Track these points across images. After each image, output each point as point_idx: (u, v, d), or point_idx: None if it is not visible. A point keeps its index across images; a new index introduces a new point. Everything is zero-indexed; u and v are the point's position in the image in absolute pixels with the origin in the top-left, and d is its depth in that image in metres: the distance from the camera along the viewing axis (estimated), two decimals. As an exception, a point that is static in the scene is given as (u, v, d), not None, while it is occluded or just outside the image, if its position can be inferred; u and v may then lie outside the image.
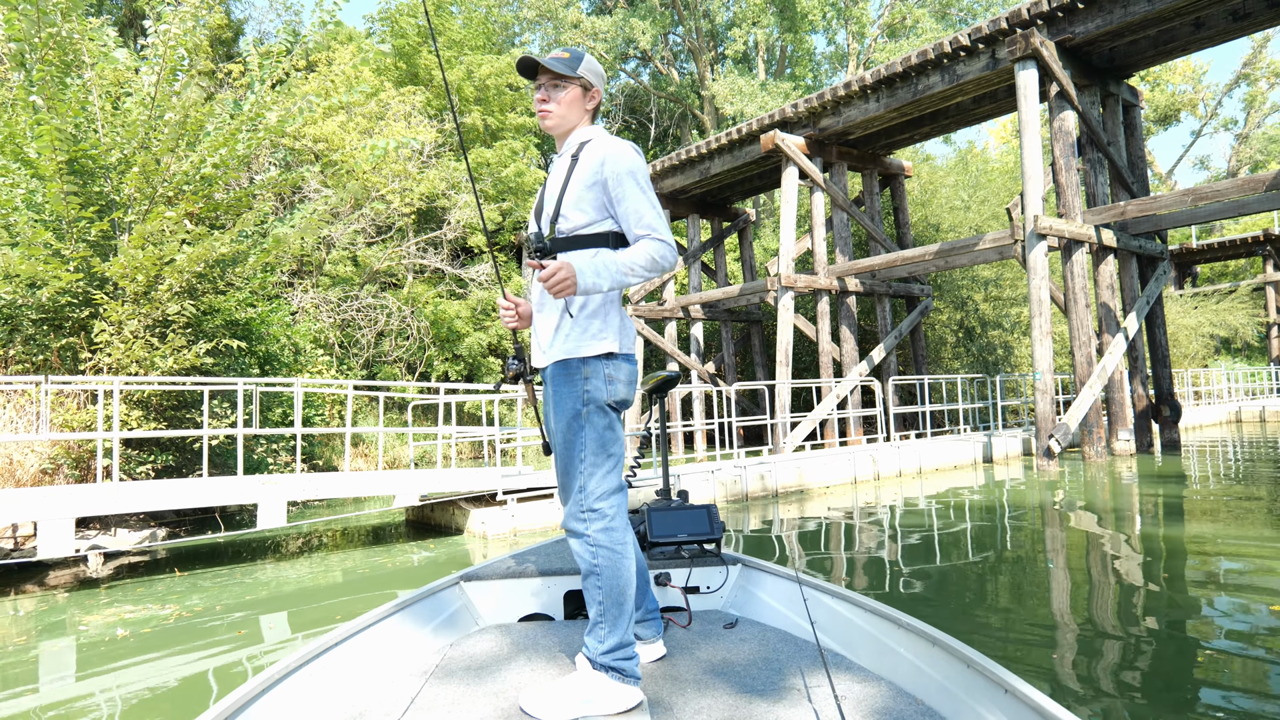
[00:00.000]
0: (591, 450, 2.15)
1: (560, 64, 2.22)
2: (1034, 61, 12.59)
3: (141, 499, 6.47)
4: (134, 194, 8.70)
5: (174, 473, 8.76)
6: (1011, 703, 1.66)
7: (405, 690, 2.17)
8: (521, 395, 8.41)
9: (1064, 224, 12.56)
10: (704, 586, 2.93)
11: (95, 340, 8.34)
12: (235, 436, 9.26)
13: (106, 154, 8.53)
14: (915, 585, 5.31)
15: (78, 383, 7.66)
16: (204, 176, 8.94)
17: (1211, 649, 3.80)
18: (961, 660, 1.88)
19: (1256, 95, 49.40)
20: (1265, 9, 12.16)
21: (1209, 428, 20.54)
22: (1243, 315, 29.67)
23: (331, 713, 2.02)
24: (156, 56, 8.76)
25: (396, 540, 8.14)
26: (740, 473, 10.07)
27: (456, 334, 19.52)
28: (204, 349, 8.41)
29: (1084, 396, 12.48)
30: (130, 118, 8.74)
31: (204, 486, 7.05)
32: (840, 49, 34.17)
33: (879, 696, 1.99)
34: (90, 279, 8.44)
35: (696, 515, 3.05)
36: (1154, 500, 8.66)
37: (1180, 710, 3.10)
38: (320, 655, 2.15)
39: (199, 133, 9.13)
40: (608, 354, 2.18)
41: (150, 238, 8.36)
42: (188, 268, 8.31)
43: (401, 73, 22.30)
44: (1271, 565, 5.44)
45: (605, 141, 2.21)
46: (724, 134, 18.02)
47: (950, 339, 22.28)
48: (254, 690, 1.85)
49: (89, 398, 8.36)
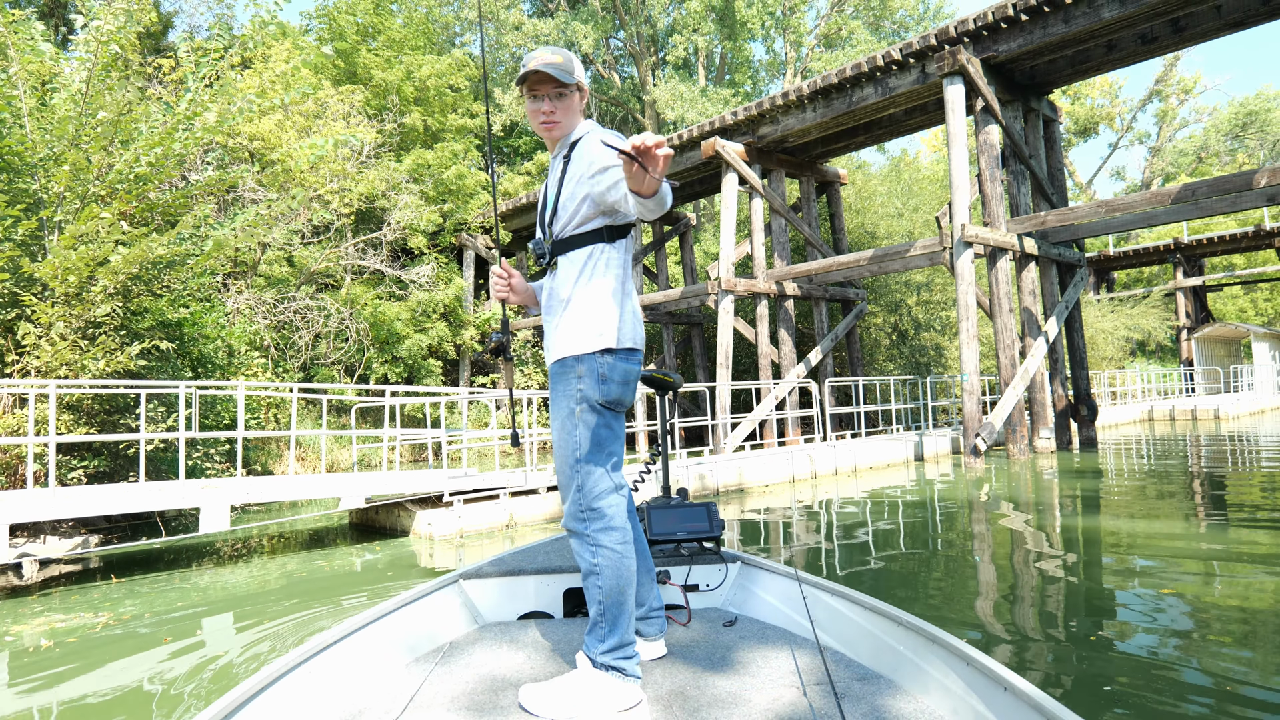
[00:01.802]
0: (588, 450, 2.13)
1: (563, 72, 2.16)
2: (961, 77, 13.17)
3: (80, 504, 6.33)
4: (63, 192, 8.47)
5: (106, 478, 8.53)
6: (1010, 700, 1.66)
7: (405, 688, 2.17)
8: (494, 376, 8.44)
9: (989, 232, 13.15)
10: (704, 584, 2.93)
11: (21, 342, 8.08)
12: (170, 441, 9.07)
13: (34, 150, 8.28)
14: (858, 575, 5.58)
15: (11, 386, 7.43)
16: (138, 176, 8.73)
17: (1118, 622, 4.14)
18: (962, 658, 1.88)
19: (1168, 111, 52.17)
20: (1171, 33, 12.98)
21: (1124, 426, 21.65)
22: (1154, 319, 31.26)
23: (331, 710, 2.02)
24: (88, 53, 8.55)
25: (340, 543, 8.09)
26: (681, 472, 10.29)
27: (396, 336, 19.32)
28: (136, 351, 8.22)
29: (1008, 397, 13.08)
30: (59, 114, 8.49)
31: (145, 491, 6.92)
32: (778, 57, 34.89)
33: (878, 694, 2.00)
34: (17, 279, 8.18)
35: (696, 513, 3.05)
36: (1072, 494, 9.18)
37: (1102, 670, 3.40)
38: (320, 653, 2.14)
39: (133, 131, 8.91)
40: (604, 350, 2.13)
41: (82, 237, 8.14)
42: (123, 269, 8.12)
43: (340, 71, 21.96)
44: (1170, 550, 5.88)
45: (594, 134, 2.16)
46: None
47: (885, 341, 22.99)
48: (254, 688, 1.84)
49: (17, 401, 8.10)
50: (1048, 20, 12.63)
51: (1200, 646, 3.77)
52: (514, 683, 2.20)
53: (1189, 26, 12.75)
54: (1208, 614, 4.32)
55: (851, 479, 11.97)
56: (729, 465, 11.02)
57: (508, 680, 2.22)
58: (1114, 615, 4.36)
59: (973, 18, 13.11)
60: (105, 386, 8.05)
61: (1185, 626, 4.10)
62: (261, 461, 14.34)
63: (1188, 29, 12.79)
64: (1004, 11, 12.72)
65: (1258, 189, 11.79)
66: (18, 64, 8.38)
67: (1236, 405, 23.22)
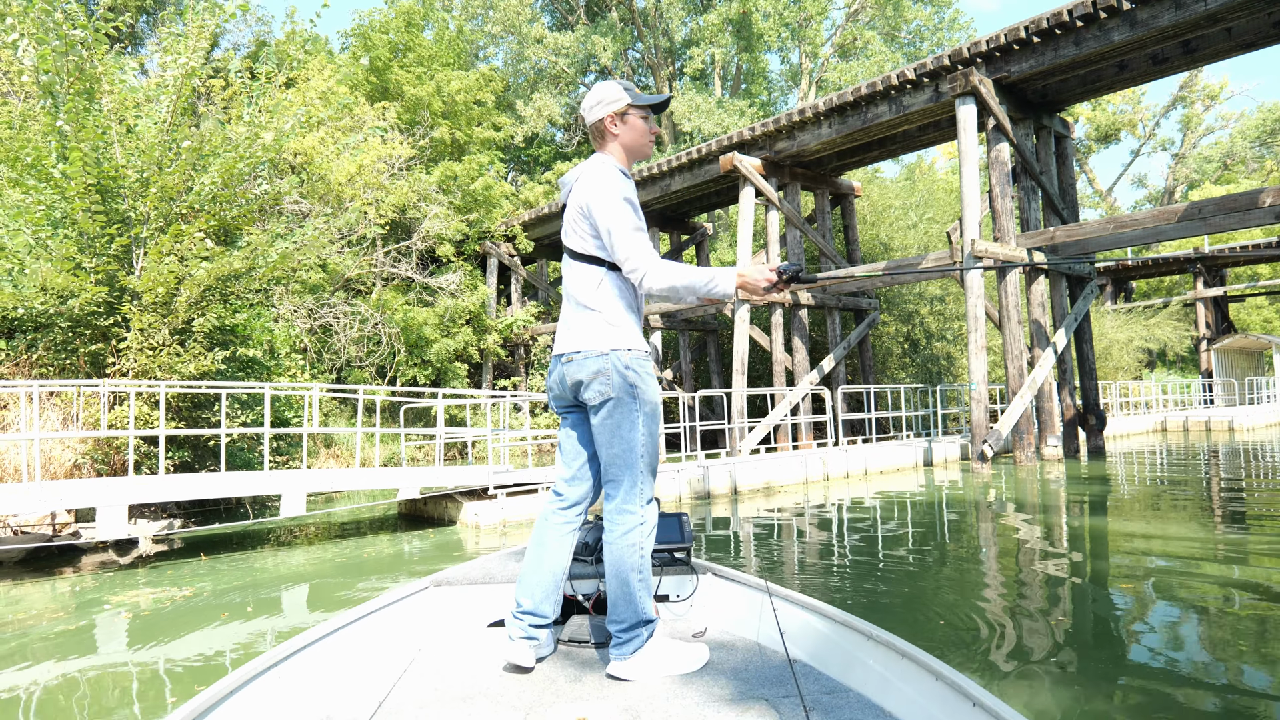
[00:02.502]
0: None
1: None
2: (973, 97, 13.66)
3: (187, 489, 7.30)
4: (149, 212, 9.34)
5: (188, 467, 9.53)
6: (978, 714, 1.68)
7: (373, 694, 2.19)
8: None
9: (999, 247, 13.62)
10: (674, 595, 2.94)
11: (121, 348, 9.11)
12: (248, 435, 10.34)
13: (125, 175, 9.14)
14: (865, 574, 6.12)
15: (129, 385, 8.40)
16: (214, 196, 9.69)
17: (1123, 625, 4.65)
18: (930, 673, 1.90)
19: (1192, 117, 51.70)
20: (1181, 54, 13.39)
21: (1135, 436, 21.95)
22: (1170, 329, 31.30)
23: (299, 715, 2.05)
24: (167, 90, 9.49)
25: (392, 530, 8.94)
26: (704, 472, 10.88)
27: (425, 340, 20.06)
28: (221, 356, 9.18)
29: (1015, 405, 13.54)
30: (146, 141, 9.40)
31: (237, 478, 7.92)
32: (794, 68, 35.42)
33: (847, 708, 2.01)
34: (114, 290, 9.17)
35: (668, 523, 3.03)
36: (1077, 499, 9.66)
37: (1108, 679, 3.90)
38: (289, 658, 2.16)
39: (210, 158, 9.83)
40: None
41: (170, 252, 9.17)
42: (207, 280, 9.14)
43: (373, 87, 22.77)
44: (1167, 551, 6.37)
45: (591, 169, 2.41)
46: (684, 153, 18.88)
47: (897, 350, 23.44)
48: (222, 692, 1.87)
49: (115, 399, 9.11)
50: (1059, 42, 13.08)
51: (1197, 664, 3.84)
52: (482, 691, 2.21)
53: (1200, 48, 13.15)
54: (1201, 626, 4.60)
55: (862, 481, 12.47)
56: (749, 466, 11.61)
57: (476, 689, 2.23)
58: (1107, 626, 4.63)
59: (985, 39, 13.59)
60: (199, 388, 9.15)
61: (1181, 641, 4.22)
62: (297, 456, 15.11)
63: (1199, 50, 13.18)
64: (1016, 34, 13.19)
65: (1264, 207, 12.16)
66: (108, 98, 9.25)
67: (1253, 417, 23.34)
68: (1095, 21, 12.56)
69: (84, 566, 7.05)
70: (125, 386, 8.29)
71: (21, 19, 8.90)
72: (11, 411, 9.23)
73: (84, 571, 6.87)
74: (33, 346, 9.60)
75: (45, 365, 9.59)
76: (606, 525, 2.39)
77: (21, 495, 6.64)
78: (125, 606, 5.57)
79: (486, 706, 2.09)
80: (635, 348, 2.35)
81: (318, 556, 7.33)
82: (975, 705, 1.69)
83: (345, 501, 11.58)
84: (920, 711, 1.89)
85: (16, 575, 6.69)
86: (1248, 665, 3.72)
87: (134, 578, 6.52)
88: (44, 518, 7.53)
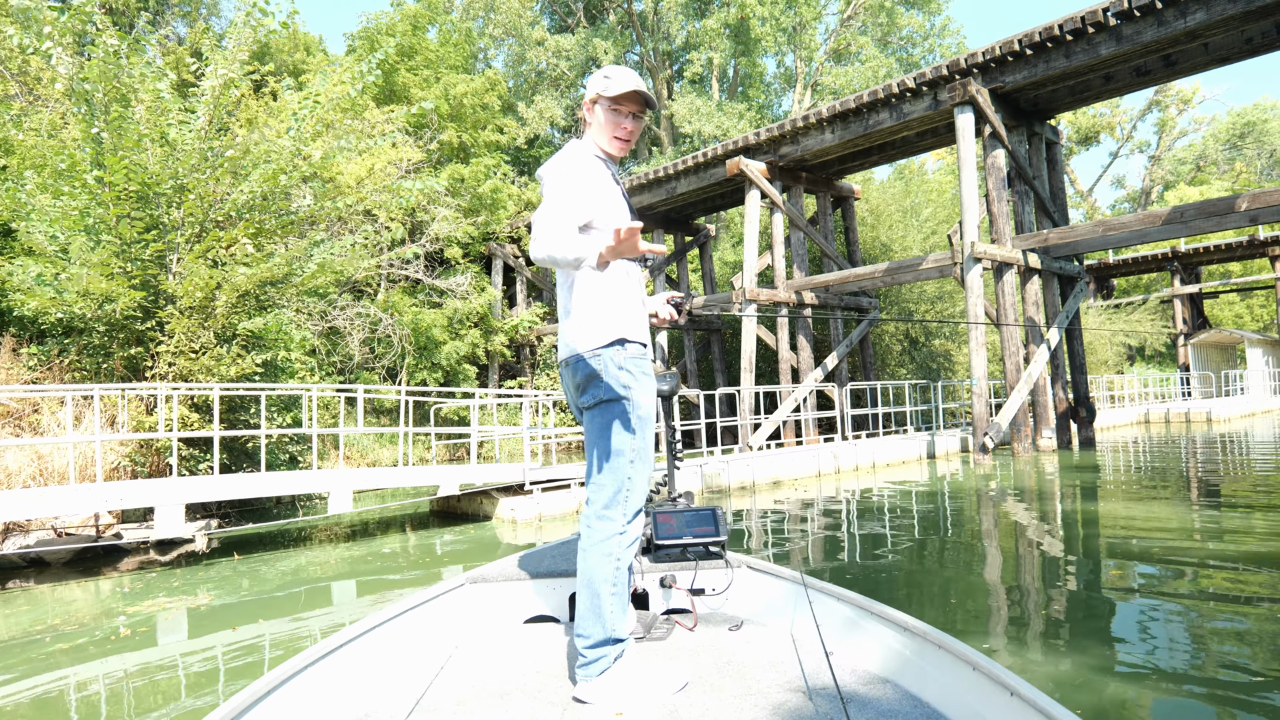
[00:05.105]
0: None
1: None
2: (971, 106, 14.37)
3: (240, 488, 7.62)
4: (185, 218, 9.70)
5: (226, 469, 9.77)
6: (1017, 705, 1.66)
7: (411, 691, 2.19)
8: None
9: (996, 249, 14.35)
10: (709, 589, 2.92)
11: (158, 351, 9.32)
12: (293, 435, 10.66)
13: (163, 182, 9.51)
14: (886, 557, 6.76)
15: (191, 389, 8.67)
16: (252, 205, 10.03)
17: (1119, 600, 5.32)
18: (967, 663, 1.88)
19: (1167, 120, 53.32)
20: (1163, 67, 14.18)
21: (1121, 428, 22.84)
22: (1148, 325, 32.33)
23: (338, 713, 2.06)
24: (204, 94, 9.84)
25: (428, 527, 9.28)
26: (723, 467, 11.49)
27: (434, 342, 20.51)
28: (259, 359, 9.50)
29: (1013, 400, 14.27)
30: (185, 149, 9.73)
31: (286, 477, 8.26)
32: (789, 71, 36.11)
33: (884, 699, 2.01)
34: (151, 294, 9.41)
35: (702, 517, 3.01)
36: (1072, 487, 10.38)
37: (1114, 652, 4.53)
38: (327, 656, 2.16)
39: (251, 168, 10.17)
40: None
41: (206, 255, 9.41)
42: (247, 286, 9.38)
43: (380, 89, 23.18)
44: (1157, 534, 7.08)
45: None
46: (691, 156, 19.49)
47: (896, 348, 24.21)
48: (263, 689, 1.88)
49: (153, 402, 9.34)
50: (1050, 55, 13.82)
51: (1202, 640, 4.16)
52: (519, 687, 2.21)
53: (1180, 61, 13.96)
54: (1203, 604, 5.09)
55: (870, 474, 13.16)
56: (764, 460, 12.22)
57: (513, 685, 2.23)
58: (1113, 606, 5.03)
59: (981, 51, 14.31)
60: (243, 389, 9.38)
61: (1184, 619, 4.57)
62: (325, 455, 15.57)
63: (1179, 64, 14.00)
64: (1010, 47, 13.91)
65: (1239, 212, 12.97)
66: (144, 107, 9.62)
67: (1228, 408, 24.44)
68: (1084, 36, 13.31)
69: (125, 566, 7.11)
70: (186, 390, 8.65)
71: (58, 27, 9.05)
72: (45, 415, 9.31)
73: (127, 571, 6.92)
74: (65, 351, 9.78)
75: (79, 369, 9.73)
76: (583, 530, 2.28)
77: (76, 496, 6.65)
78: (172, 606, 5.71)
79: (524, 703, 2.10)
80: (630, 339, 2.23)
81: (353, 554, 7.55)
82: (1013, 695, 1.68)
83: (380, 500, 12.05)
84: (957, 702, 1.89)
85: (62, 576, 6.73)
86: (1225, 632, 4.23)
87: (175, 577, 6.61)
88: (87, 519, 7.55)
